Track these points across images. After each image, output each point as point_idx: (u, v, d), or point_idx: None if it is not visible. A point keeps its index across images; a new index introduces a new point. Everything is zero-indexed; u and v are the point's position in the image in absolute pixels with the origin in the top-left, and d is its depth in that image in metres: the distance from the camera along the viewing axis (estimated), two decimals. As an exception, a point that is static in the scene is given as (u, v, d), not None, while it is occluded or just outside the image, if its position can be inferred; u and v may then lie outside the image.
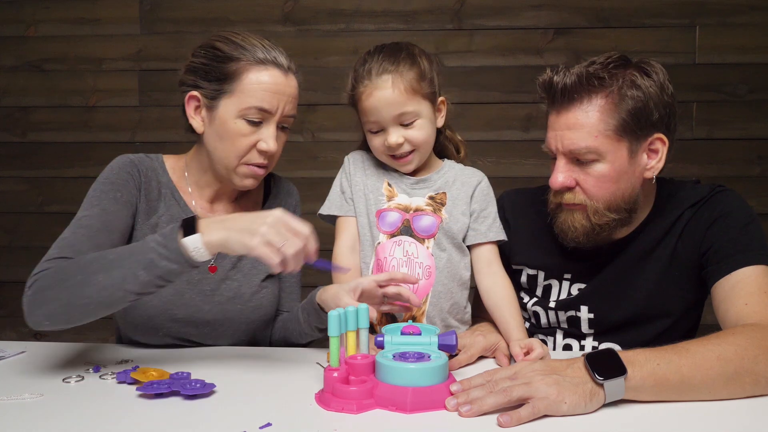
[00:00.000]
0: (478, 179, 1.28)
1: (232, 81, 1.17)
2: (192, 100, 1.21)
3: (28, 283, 1.03)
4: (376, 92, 1.17)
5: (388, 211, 1.24)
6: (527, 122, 2.33)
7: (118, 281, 0.97)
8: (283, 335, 1.32)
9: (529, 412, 0.85)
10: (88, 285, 0.98)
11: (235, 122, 1.17)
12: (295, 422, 0.88)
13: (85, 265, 1.00)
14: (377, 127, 1.21)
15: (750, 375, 0.92)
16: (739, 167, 2.31)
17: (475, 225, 1.24)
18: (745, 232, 1.16)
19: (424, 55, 1.23)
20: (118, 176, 1.21)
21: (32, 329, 1.03)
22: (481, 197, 1.26)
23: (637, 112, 1.13)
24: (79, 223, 1.13)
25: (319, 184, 2.38)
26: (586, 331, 1.28)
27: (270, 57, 1.18)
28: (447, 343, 0.99)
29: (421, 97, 1.19)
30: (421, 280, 1.20)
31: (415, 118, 1.19)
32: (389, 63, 1.18)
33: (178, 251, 0.97)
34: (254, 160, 1.20)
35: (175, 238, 0.98)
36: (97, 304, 0.98)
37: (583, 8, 2.32)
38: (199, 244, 0.98)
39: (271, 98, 1.17)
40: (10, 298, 2.48)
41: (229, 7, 2.40)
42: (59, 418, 0.90)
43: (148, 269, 0.97)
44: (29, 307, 1.02)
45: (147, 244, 0.99)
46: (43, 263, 1.06)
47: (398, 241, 1.22)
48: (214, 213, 1.29)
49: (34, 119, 2.48)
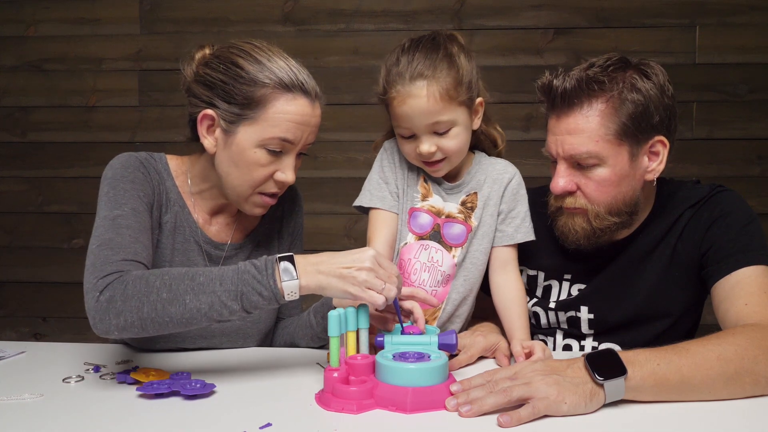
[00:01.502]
0: (509, 177, 1.22)
1: (256, 108, 1.09)
2: (206, 119, 1.12)
3: (96, 287, 0.96)
4: (409, 100, 1.09)
5: (420, 212, 1.20)
6: (527, 122, 2.33)
7: (205, 306, 0.94)
8: (291, 341, 1.31)
9: (529, 412, 0.85)
10: (173, 304, 0.94)
11: (254, 151, 1.10)
12: (295, 422, 0.88)
13: (171, 282, 0.95)
14: (409, 133, 1.14)
15: (750, 375, 0.92)
16: (739, 167, 2.31)
17: (501, 226, 1.21)
18: (745, 232, 1.16)
19: (463, 52, 1.13)
20: (135, 175, 1.14)
21: (99, 334, 0.97)
22: (510, 197, 1.21)
23: (638, 116, 1.13)
24: (117, 222, 1.06)
25: (319, 184, 2.39)
26: (586, 332, 1.28)
27: (298, 82, 1.10)
28: (447, 343, 1.00)
29: (457, 105, 1.11)
30: (439, 288, 1.18)
31: (450, 127, 1.12)
32: (425, 66, 1.09)
33: (274, 290, 0.95)
34: (269, 190, 1.15)
35: (273, 275, 0.95)
36: (177, 323, 0.95)
37: (583, 8, 2.32)
38: (296, 288, 0.95)
39: (296, 129, 1.10)
40: (10, 298, 2.47)
41: (229, 7, 2.40)
42: (59, 418, 0.90)
43: (237, 300, 0.95)
44: (101, 314, 0.95)
45: (241, 275, 0.95)
46: (105, 266, 0.99)
47: (425, 245, 1.19)
48: (213, 225, 1.26)
49: (34, 119, 2.48)
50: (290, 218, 1.35)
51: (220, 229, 1.26)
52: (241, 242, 1.28)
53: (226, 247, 1.25)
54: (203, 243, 1.23)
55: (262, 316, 1.27)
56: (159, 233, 1.19)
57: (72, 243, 2.47)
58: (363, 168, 1.43)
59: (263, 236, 1.31)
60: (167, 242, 1.19)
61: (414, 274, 1.18)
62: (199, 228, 1.23)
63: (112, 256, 1.00)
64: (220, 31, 2.38)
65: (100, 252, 1.01)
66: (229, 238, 1.27)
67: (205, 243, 1.23)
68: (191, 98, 1.16)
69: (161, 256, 1.19)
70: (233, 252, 1.26)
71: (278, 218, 1.34)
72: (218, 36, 2.33)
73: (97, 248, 1.02)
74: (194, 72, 1.16)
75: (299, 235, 1.37)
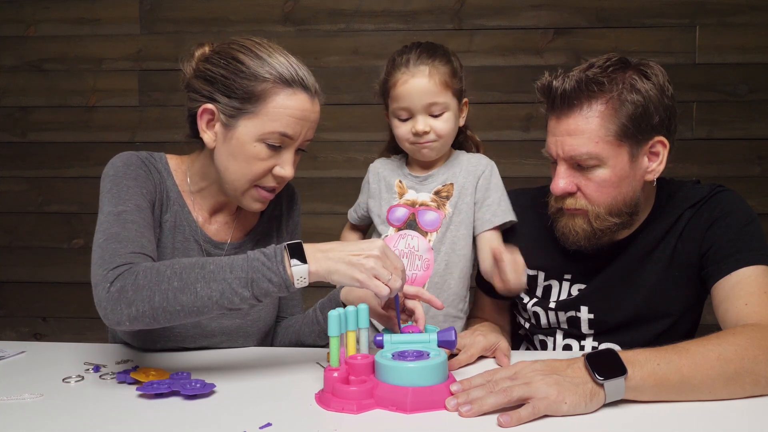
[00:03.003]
0: (483, 168, 1.33)
1: (257, 102, 1.10)
2: (206, 114, 1.14)
3: (106, 278, 0.97)
4: (413, 79, 1.25)
5: (397, 207, 1.34)
6: (527, 122, 2.33)
7: (216, 294, 0.95)
8: (297, 338, 1.32)
9: (529, 412, 0.85)
10: (184, 292, 0.95)
11: (254, 145, 1.11)
12: (295, 422, 0.88)
13: (181, 271, 0.96)
14: (407, 115, 1.28)
15: (750, 375, 0.92)
16: (739, 167, 2.31)
17: (479, 215, 1.30)
18: (745, 232, 1.16)
19: (456, 57, 1.32)
20: (137, 173, 1.15)
21: (110, 325, 0.98)
22: (483, 186, 1.31)
23: (638, 117, 1.13)
24: (122, 218, 1.07)
25: (319, 184, 2.39)
26: (586, 332, 1.28)
27: (297, 78, 1.11)
28: (446, 339, 1.00)
29: (451, 92, 1.27)
30: (419, 272, 1.27)
31: (443, 110, 1.27)
32: (427, 56, 1.26)
33: (283, 276, 0.96)
34: (267, 184, 1.16)
35: (282, 262, 0.96)
36: (188, 312, 0.96)
37: (583, 8, 2.32)
38: (305, 274, 0.97)
39: (296, 124, 1.12)
40: (10, 298, 2.47)
41: (229, 7, 2.40)
42: (59, 418, 0.90)
43: (248, 287, 0.96)
44: (113, 304, 0.95)
45: (251, 263, 0.96)
46: (114, 258, 0.99)
47: (403, 235, 1.30)
48: (213, 223, 1.26)
49: (34, 119, 2.48)
50: (289, 216, 1.37)
51: (219, 228, 1.27)
52: (240, 241, 1.28)
53: (226, 246, 1.26)
54: (203, 242, 1.23)
55: (261, 315, 1.27)
56: (159, 232, 1.19)
57: (72, 243, 2.47)
58: (363, 168, 1.44)
59: (262, 235, 1.32)
60: (167, 241, 1.20)
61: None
62: (198, 227, 1.23)
63: (120, 249, 1.01)
64: (220, 31, 2.38)
65: (107, 245, 1.02)
66: (228, 237, 1.27)
67: (204, 242, 1.23)
68: (191, 93, 1.17)
69: (161, 256, 1.19)
70: (233, 251, 1.26)
71: (276, 217, 1.35)
72: (218, 36, 2.32)
73: (104, 242, 1.03)
74: (194, 68, 1.17)
75: (297, 232, 1.39)
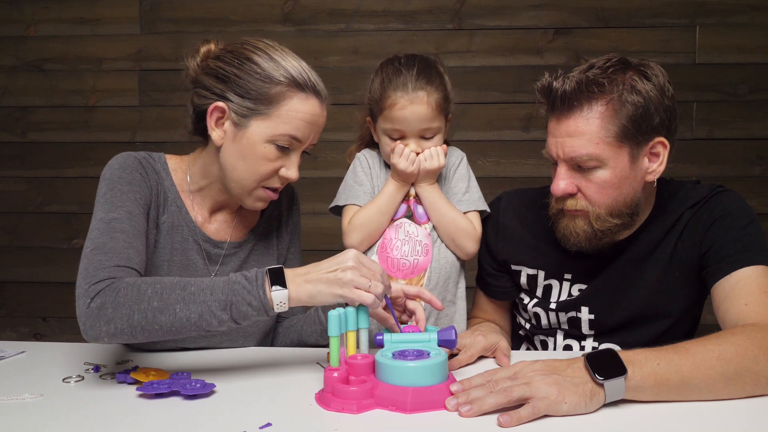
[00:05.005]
0: (455, 160, 1.37)
1: (270, 104, 1.11)
2: (216, 111, 1.14)
3: (87, 293, 0.97)
4: (412, 106, 1.24)
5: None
6: (527, 122, 2.33)
7: (195, 316, 0.96)
8: (299, 338, 1.32)
9: (529, 412, 0.85)
10: (163, 313, 0.95)
11: (264, 146, 1.12)
12: (295, 422, 0.88)
13: (162, 290, 0.97)
14: (398, 135, 1.28)
15: (750, 375, 0.92)
16: (739, 167, 2.31)
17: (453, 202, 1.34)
18: (745, 233, 1.16)
19: (446, 73, 1.31)
20: (132, 176, 1.15)
21: (88, 340, 0.98)
22: (453, 177, 1.36)
23: (638, 118, 1.13)
24: (112, 227, 1.07)
25: (319, 184, 2.39)
26: (586, 332, 1.28)
27: (310, 83, 1.14)
28: (446, 338, 1.00)
29: (443, 115, 1.29)
30: (420, 257, 1.29)
31: (436, 133, 1.29)
32: (425, 80, 1.25)
33: (263, 300, 0.97)
34: (272, 185, 1.17)
35: (263, 286, 0.97)
36: (166, 332, 0.97)
37: (583, 8, 2.32)
38: (285, 299, 0.97)
39: (306, 128, 1.14)
40: (10, 298, 2.47)
41: (229, 7, 2.40)
42: (59, 418, 0.90)
43: (227, 310, 0.96)
44: (92, 320, 0.96)
45: (231, 286, 0.97)
46: (98, 272, 1.00)
47: (400, 224, 1.32)
48: (213, 223, 1.26)
49: (34, 119, 2.48)
50: (289, 216, 1.37)
51: (219, 228, 1.27)
52: (240, 240, 1.28)
53: (226, 245, 1.26)
54: (202, 242, 1.23)
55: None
56: (157, 233, 1.19)
57: (72, 243, 2.47)
58: (363, 168, 1.44)
59: (263, 234, 1.32)
60: (165, 242, 1.20)
61: (396, 249, 1.31)
62: (197, 227, 1.23)
63: (105, 262, 1.01)
64: (220, 31, 2.38)
65: (93, 256, 1.02)
66: (228, 236, 1.27)
67: (204, 242, 1.23)
68: (199, 89, 1.16)
69: (160, 256, 1.19)
70: (233, 250, 1.26)
71: (276, 217, 1.35)
72: (218, 36, 2.29)
73: (91, 252, 1.03)
74: (202, 65, 1.17)
75: (297, 232, 1.39)
